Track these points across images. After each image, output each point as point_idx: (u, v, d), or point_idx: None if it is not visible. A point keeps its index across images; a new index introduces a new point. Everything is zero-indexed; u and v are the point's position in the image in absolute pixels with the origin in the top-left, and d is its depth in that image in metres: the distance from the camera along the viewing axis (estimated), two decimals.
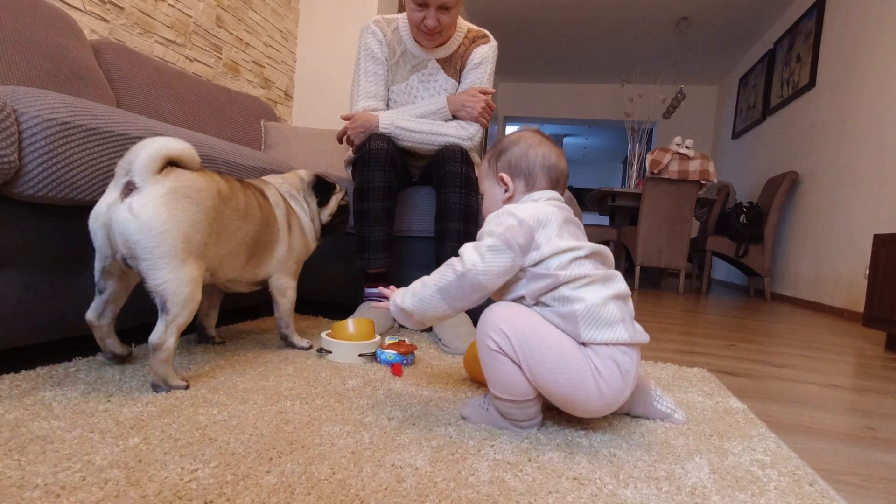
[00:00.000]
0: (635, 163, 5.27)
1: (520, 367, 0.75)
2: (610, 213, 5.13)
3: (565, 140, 10.58)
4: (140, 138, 0.97)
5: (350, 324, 1.15)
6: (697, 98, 6.81)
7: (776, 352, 1.79)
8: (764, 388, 1.26)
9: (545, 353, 0.74)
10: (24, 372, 0.86)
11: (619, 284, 0.80)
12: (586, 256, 0.78)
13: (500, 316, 0.76)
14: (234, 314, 1.59)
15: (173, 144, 0.82)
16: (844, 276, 3.18)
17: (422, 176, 1.59)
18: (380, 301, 0.89)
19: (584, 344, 0.75)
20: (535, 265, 0.78)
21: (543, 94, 7.35)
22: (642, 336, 0.79)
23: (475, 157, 1.57)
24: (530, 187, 0.88)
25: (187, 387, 0.86)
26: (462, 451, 0.71)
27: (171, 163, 0.83)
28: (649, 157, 3.85)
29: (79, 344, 1.10)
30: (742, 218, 4.19)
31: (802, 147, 4.04)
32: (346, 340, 1.12)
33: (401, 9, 3.41)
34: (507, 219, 0.79)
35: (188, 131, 1.14)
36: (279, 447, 0.67)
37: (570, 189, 7.97)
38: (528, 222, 0.78)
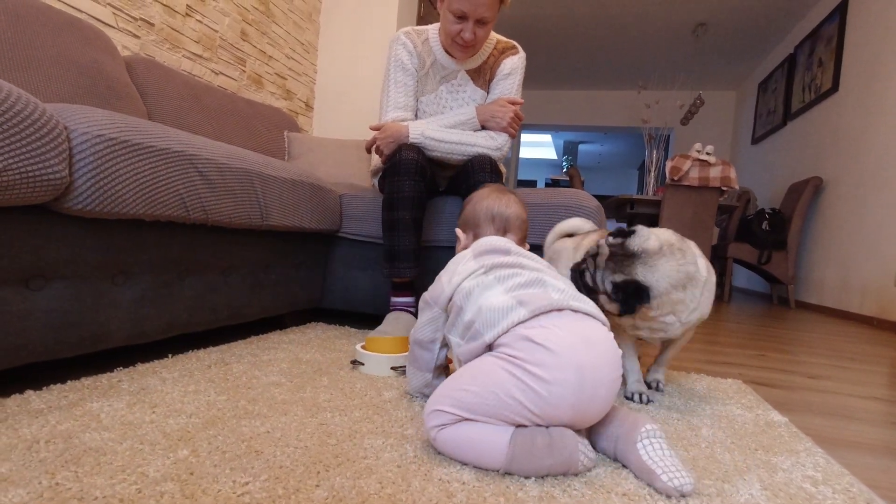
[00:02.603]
0: (653, 169, 5.23)
1: (467, 419, 0.70)
2: (628, 220, 5.09)
3: (581, 147, 10.54)
4: (180, 153, 0.99)
5: (385, 339, 1.15)
6: (715, 103, 6.75)
7: (808, 361, 1.75)
8: (802, 400, 1.23)
9: (466, 381, 0.71)
10: (70, 382, 0.88)
11: (522, 278, 0.79)
12: (485, 272, 0.82)
13: (430, 404, 0.73)
14: (262, 325, 1.60)
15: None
16: (873, 283, 3.11)
17: (448, 186, 1.59)
18: (407, 310, 0.93)
19: (490, 347, 0.74)
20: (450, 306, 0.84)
21: (559, 102, 7.35)
22: (554, 303, 0.73)
23: (502, 166, 1.58)
24: (478, 236, 0.97)
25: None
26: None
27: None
28: (669, 164, 3.82)
29: (118, 355, 1.11)
30: (765, 225, 4.13)
31: (826, 152, 3.97)
32: (380, 353, 1.12)
33: (419, 20, 3.44)
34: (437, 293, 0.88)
35: (222, 144, 1.16)
36: (325, 460, 0.67)
37: None
38: (441, 277, 0.88)
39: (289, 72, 2.94)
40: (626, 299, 0.96)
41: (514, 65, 1.50)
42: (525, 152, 11.49)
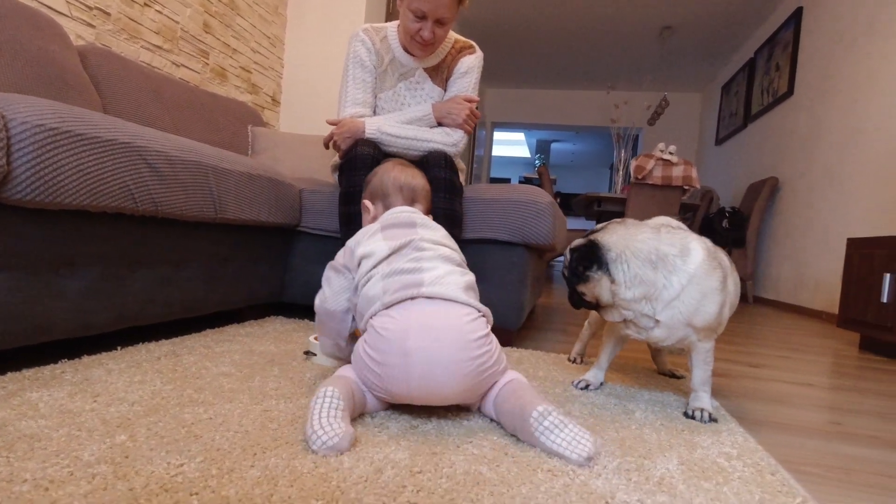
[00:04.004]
0: (621, 168, 5.36)
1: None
2: (596, 217, 5.20)
3: (553, 146, 10.69)
4: (127, 144, 0.99)
5: None
6: (682, 105, 6.93)
7: (754, 352, 1.84)
8: (739, 387, 1.30)
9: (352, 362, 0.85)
10: (10, 374, 0.87)
11: (403, 262, 0.85)
12: (388, 255, 0.87)
13: None
14: (219, 318, 1.60)
15: None
16: (823, 279, 3.26)
17: None
18: None
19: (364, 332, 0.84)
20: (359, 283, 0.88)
21: (531, 101, 7.44)
22: (407, 294, 0.80)
23: (460, 163, 1.61)
24: (388, 207, 1.01)
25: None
26: (442, 447, 0.73)
27: None
28: (633, 163, 3.92)
29: (64, 346, 1.10)
30: (725, 223, 4.27)
31: (782, 153, 4.13)
32: None
33: (388, 16, 3.45)
34: (344, 251, 0.95)
35: (175, 136, 1.16)
36: (263, 443, 0.69)
37: (559, 194, 8.00)
38: (350, 245, 0.93)
39: (254, 65, 2.91)
40: (578, 260, 0.93)
41: (470, 64, 1.53)
42: (498, 150, 11.58)
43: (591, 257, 0.94)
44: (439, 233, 0.96)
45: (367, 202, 1.05)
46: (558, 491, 0.63)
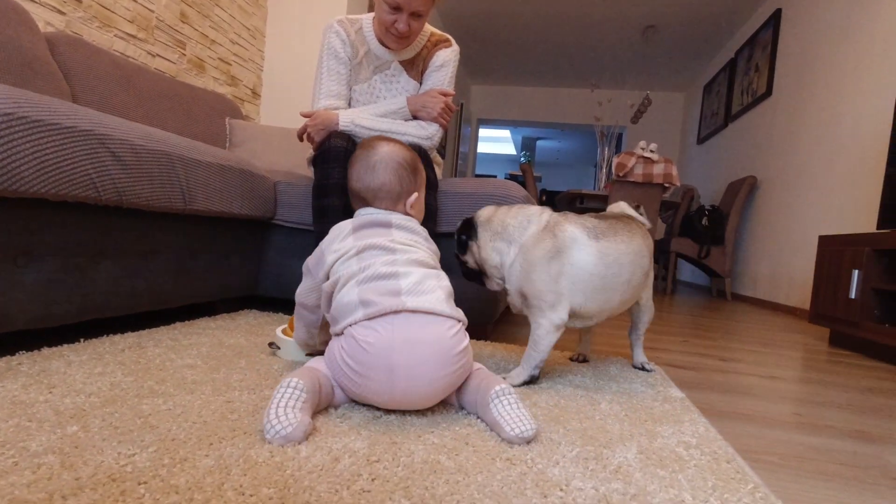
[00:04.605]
0: (604, 166, 5.40)
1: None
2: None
3: (539, 143, 10.73)
4: (88, 132, 0.97)
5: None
6: (665, 104, 7.00)
7: (726, 346, 1.87)
8: (707, 379, 1.32)
9: (325, 359, 0.84)
10: None
11: (377, 268, 0.82)
12: (357, 253, 0.85)
13: None
14: (191, 311, 1.58)
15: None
16: (798, 276, 3.32)
17: None
18: None
19: (339, 335, 0.82)
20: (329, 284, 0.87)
21: (516, 98, 7.45)
22: (389, 307, 0.77)
23: (437, 156, 1.60)
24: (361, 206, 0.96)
25: None
26: (402, 437, 0.73)
27: None
28: (615, 161, 3.95)
29: (24, 338, 1.08)
30: (704, 220, 4.33)
31: (760, 153, 4.20)
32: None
33: (371, 7, 3.42)
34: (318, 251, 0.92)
35: (141, 125, 1.14)
36: (221, 433, 0.69)
37: (544, 192, 8.03)
38: (322, 247, 0.91)
39: (234, 57, 2.87)
40: (458, 230, 1.12)
41: (446, 57, 1.53)
42: (484, 147, 11.59)
43: (466, 226, 1.12)
44: (417, 235, 0.92)
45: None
46: (514, 479, 0.63)
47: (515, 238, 1.04)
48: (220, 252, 1.48)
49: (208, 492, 0.54)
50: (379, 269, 0.81)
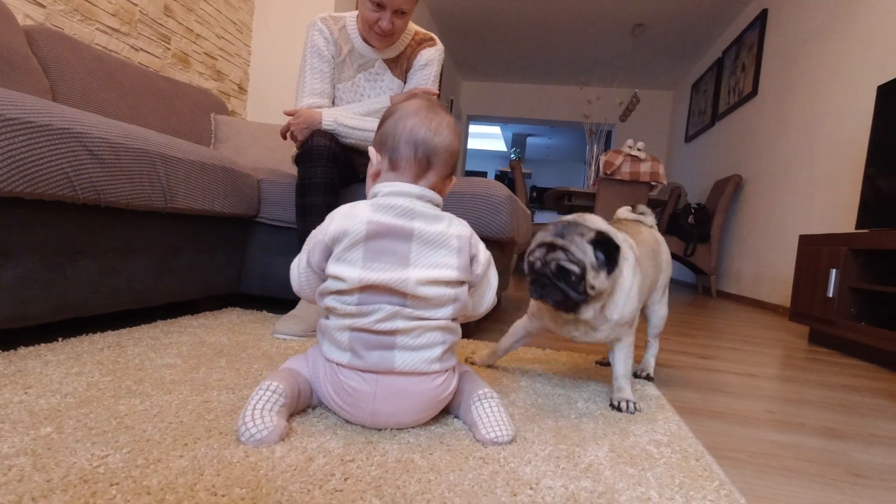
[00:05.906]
0: (593, 163, 5.43)
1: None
2: (567, 211, 5.27)
3: (529, 140, 10.75)
4: (65, 130, 0.96)
5: None
6: (653, 102, 7.04)
7: (706, 344, 1.90)
8: (684, 377, 1.34)
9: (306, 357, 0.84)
10: None
11: (377, 325, 0.73)
12: (349, 291, 0.74)
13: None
14: (173, 310, 1.58)
15: None
16: (780, 274, 3.38)
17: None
18: None
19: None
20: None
21: (506, 95, 7.46)
22: (372, 364, 0.73)
23: None
24: (394, 165, 0.79)
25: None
26: (377, 436, 0.74)
27: None
28: (603, 159, 3.98)
29: (0, 338, 1.07)
30: (690, 219, 4.38)
31: (746, 152, 4.25)
32: None
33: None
34: (324, 226, 0.78)
35: (121, 123, 1.13)
36: (196, 433, 0.69)
37: (535, 189, 8.04)
38: (326, 241, 0.76)
39: (219, 52, 2.85)
40: (613, 248, 0.90)
41: (430, 56, 1.53)
42: (475, 144, 11.59)
43: (610, 245, 0.90)
44: (441, 248, 0.77)
45: (372, 151, 0.82)
46: (486, 478, 0.64)
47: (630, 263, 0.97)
48: (202, 250, 1.47)
49: (180, 492, 0.55)
50: (376, 326, 0.73)
